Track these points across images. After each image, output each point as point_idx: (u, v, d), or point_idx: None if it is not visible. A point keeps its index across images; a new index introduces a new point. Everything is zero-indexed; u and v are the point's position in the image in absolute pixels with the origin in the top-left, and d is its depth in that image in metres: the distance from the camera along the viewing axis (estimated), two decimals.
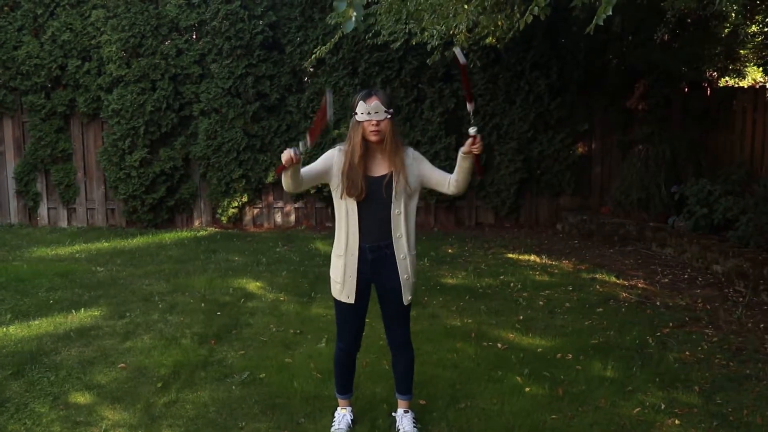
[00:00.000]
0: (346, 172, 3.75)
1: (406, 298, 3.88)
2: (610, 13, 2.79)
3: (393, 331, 4.00)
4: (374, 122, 3.69)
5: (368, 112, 3.69)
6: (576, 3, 4.94)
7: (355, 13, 2.64)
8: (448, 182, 3.86)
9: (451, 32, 6.11)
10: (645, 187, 8.99)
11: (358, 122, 3.73)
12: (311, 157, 9.20)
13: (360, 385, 4.51)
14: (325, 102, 3.33)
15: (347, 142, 3.80)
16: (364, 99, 3.71)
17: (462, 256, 8.35)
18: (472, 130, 3.61)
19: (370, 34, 7.62)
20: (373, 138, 3.73)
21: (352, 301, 3.88)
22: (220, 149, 10.01)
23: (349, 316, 3.95)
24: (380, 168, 3.81)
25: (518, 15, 5.57)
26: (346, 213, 3.82)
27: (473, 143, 3.63)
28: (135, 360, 5.12)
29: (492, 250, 8.72)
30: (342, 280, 3.87)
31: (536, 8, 4.29)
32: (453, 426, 4.10)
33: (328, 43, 7.11)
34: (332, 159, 3.82)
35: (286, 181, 3.68)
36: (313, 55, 7.35)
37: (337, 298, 3.93)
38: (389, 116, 3.72)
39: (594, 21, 3.34)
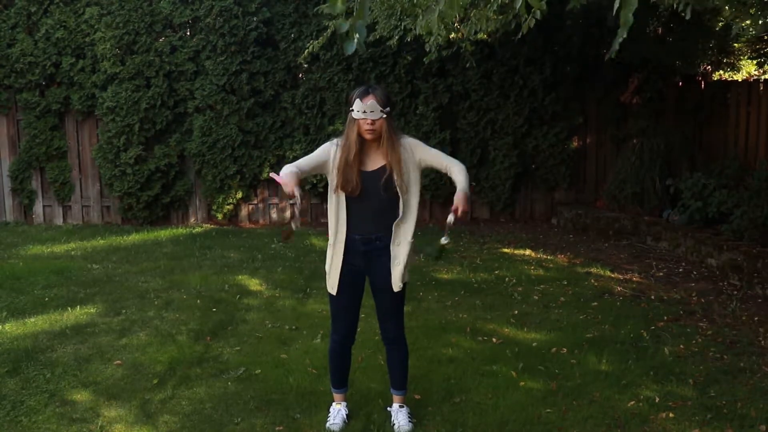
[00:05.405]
0: (342, 169, 3.76)
1: (396, 284, 3.87)
2: (625, 35, 2.68)
3: (386, 326, 4.02)
4: (369, 121, 3.70)
5: (364, 110, 3.69)
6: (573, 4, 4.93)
7: (357, 35, 2.62)
8: (447, 171, 3.90)
9: (453, 34, 6.10)
10: (640, 181, 9.00)
11: (354, 119, 3.74)
12: (306, 152, 9.17)
13: (355, 380, 4.53)
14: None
15: (343, 137, 3.81)
16: (361, 97, 3.72)
17: (457, 251, 8.35)
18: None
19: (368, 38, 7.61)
20: (367, 136, 3.74)
21: (335, 293, 3.89)
22: (214, 146, 10.00)
23: (339, 308, 3.98)
24: (375, 162, 3.82)
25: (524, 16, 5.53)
26: (337, 205, 3.84)
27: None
28: (131, 357, 5.13)
29: (487, 244, 8.73)
30: (330, 270, 3.90)
31: (538, 12, 4.28)
32: (448, 420, 4.11)
33: (321, 38, 7.09)
34: (329, 153, 3.83)
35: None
36: (306, 50, 7.35)
37: (327, 288, 3.96)
38: (385, 115, 3.72)
39: (612, 47, 3.21)
